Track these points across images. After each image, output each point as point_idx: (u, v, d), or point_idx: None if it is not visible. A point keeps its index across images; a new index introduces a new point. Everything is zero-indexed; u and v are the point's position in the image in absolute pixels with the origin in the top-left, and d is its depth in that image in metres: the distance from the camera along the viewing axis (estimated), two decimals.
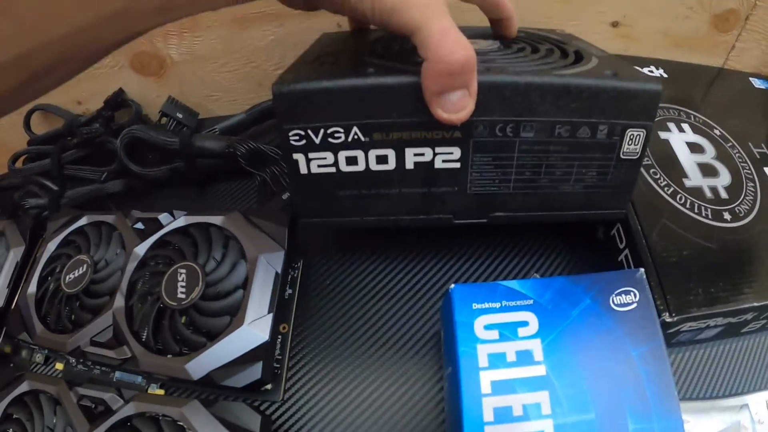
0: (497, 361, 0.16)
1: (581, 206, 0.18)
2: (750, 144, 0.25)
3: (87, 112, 0.35)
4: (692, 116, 0.26)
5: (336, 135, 0.16)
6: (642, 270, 0.18)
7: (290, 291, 0.23)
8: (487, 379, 0.16)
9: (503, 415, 0.15)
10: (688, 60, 0.29)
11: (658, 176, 0.22)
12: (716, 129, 0.25)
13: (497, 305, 0.17)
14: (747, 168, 0.24)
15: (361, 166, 0.17)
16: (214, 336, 0.19)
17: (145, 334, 0.20)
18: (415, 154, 0.17)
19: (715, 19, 0.28)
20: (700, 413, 0.22)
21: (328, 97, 0.16)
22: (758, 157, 0.25)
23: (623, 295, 0.17)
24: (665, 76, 0.28)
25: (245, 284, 0.20)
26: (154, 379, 0.21)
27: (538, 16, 0.27)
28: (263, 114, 0.29)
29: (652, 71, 0.28)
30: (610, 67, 0.17)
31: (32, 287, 0.24)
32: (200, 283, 0.20)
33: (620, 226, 0.21)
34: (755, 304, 0.19)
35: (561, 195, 0.18)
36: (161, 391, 0.21)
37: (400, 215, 0.18)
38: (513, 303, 0.17)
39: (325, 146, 0.16)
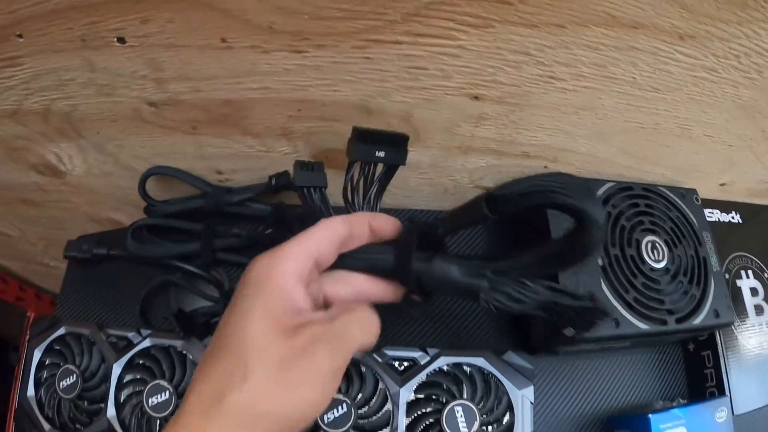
0: None
1: None
2: None
3: (227, 182, 0.35)
4: (754, 262, 0.42)
5: None
6: (727, 397, 0.34)
7: None
8: None
9: None
10: (755, 202, 0.44)
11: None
12: (766, 272, 0.42)
13: (670, 424, 0.32)
14: None
15: None
16: None
17: None
18: None
19: None
20: None
21: None
22: None
23: (721, 413, 0.34)
24: (741, 221, 0.43)
25: (509, 411, 0.29)
26: None
27: (675, 173, 0.37)
28: None
29: (734, 216, 0.43)
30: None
31: None
32: (478, 418, 0.29)
33: (710, 352, 0.37)
34: None
35: None
36: None
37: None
38: (676, 421, 0.32)
39: None
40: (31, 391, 0.31)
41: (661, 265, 0.33)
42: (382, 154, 0.25)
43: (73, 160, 0.33)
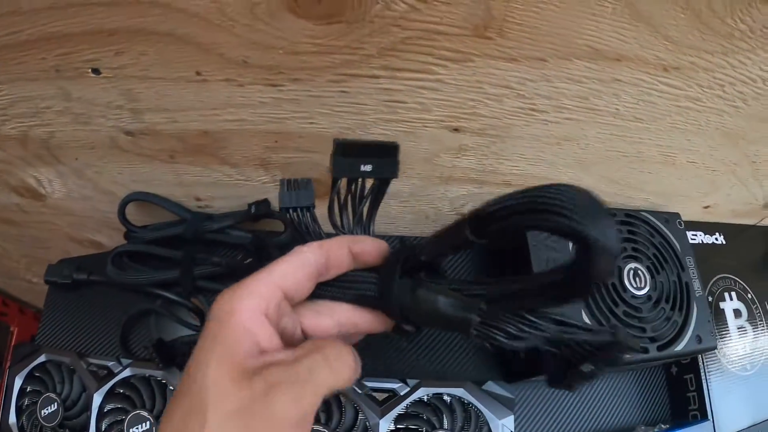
0: None
1: None
2: (766, 303, 0.43)
3: (206, 208, 0.34)
4: (737, 283, 0.42)
5: None
6: (710, 421, 0.34)
7: None
8: None
9: None
10: (737, 222, 0.44)
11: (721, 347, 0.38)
12: (749, 293, 0.42)
13: None
14: (763, 325, 0.41)
15: None
16: None
17: None
18: None
19: (764, 207, 0.42)
20: None
21: None
22: None
23: None
24: (724, 242, 0.43)
25: None
26: None
27: (659, 198, 0.37)
28: None
29: (717, 238, 0.43)
30: None
31: None
32: None
33: (692, 376, 0.37)
34: None
35: None
36: None
37: None
38: None
39: None
40: (12, 418, 0.31)
41: (643, 292, 0.32)
42: (368, 168, 0.22)
43: (52, 183, 0.32)
